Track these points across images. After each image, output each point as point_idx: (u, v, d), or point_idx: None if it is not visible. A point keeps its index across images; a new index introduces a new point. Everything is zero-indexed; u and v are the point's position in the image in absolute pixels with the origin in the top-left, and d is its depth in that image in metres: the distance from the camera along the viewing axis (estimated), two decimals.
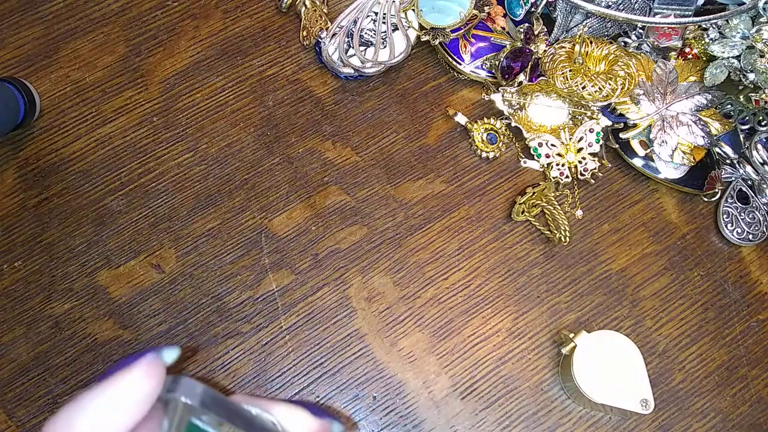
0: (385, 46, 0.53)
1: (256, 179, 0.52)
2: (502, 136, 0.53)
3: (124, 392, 0.19)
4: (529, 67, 0.53)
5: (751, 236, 0.52)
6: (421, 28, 0.53)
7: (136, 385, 0.19)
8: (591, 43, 0.52)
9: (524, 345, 0.50)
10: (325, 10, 0.55)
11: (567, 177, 0.51)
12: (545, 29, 0.53)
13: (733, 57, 0.51)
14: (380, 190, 0.52)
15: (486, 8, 0.54)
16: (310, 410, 0.23)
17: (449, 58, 0.54)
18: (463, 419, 0.48)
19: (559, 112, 0.53)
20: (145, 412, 0.19)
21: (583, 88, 0.51)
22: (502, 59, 0.52)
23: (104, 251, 0.50)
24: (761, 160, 0.53)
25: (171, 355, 0.21)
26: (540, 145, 0.52)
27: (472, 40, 0.54)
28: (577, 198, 0.53)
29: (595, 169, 0.52)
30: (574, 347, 0.46)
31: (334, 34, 0.53)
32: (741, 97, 0.53)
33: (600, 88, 0.51)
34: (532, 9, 0.54)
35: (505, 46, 0.53)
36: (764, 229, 0.53)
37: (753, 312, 0.52)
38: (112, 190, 0.51)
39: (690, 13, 0.52)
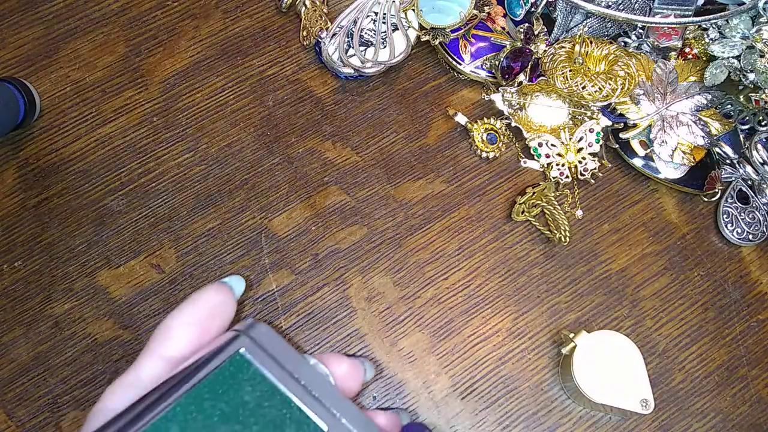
0: (385, 46, 0.53)
1: (256, 179, 0.52)
2: (502, 136, 0.53)
3: (202, 299, 0.25)
4: (529, 67, 0.53)
5: (751, 236, 0.52)
6: (421, 28, 0.53)
7: (209, 296, 0.25)
8: (591, 43, 0.52)
9: (524, 345, 0.50)
10: (325, 10, 0.55)
11: (567, 177, 0.51)
12: (545, 29, 0.53)
13: (733, 57, 0.51)
14: (380, 190, 0.52)
15: (486, 8, 0.54)
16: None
17: (449, 58, 0.54)
18: (463, 419, 0.48)
19: (559, 112, 0.53)
20: (217, 317, 0.25)
21: (583, 88, 0.51)
22: (502, 59, 0.52)
23: (104, 251, 0.50)
24: (761, 160, 0.53)
25: (236, 283, 0.26)
26: (540, 145, 0.52)
27: (472, 40, 0.54)
28: (577, 198, 0.53)
29: (595, 169, 0.52)
30: (574, 347, 0.46)
31: (334, 34, 0.53)
32: (741, 97, 0.53)
33: (600, 88, 0.51)
34: (532, 9, 0.54)
35: (505, 46, 0.53)
36: (764, 229, 0.53)
37: (753, 312, 0.52)
38: (112, 190, 0.51)
39: (690, 13, 0.52)
